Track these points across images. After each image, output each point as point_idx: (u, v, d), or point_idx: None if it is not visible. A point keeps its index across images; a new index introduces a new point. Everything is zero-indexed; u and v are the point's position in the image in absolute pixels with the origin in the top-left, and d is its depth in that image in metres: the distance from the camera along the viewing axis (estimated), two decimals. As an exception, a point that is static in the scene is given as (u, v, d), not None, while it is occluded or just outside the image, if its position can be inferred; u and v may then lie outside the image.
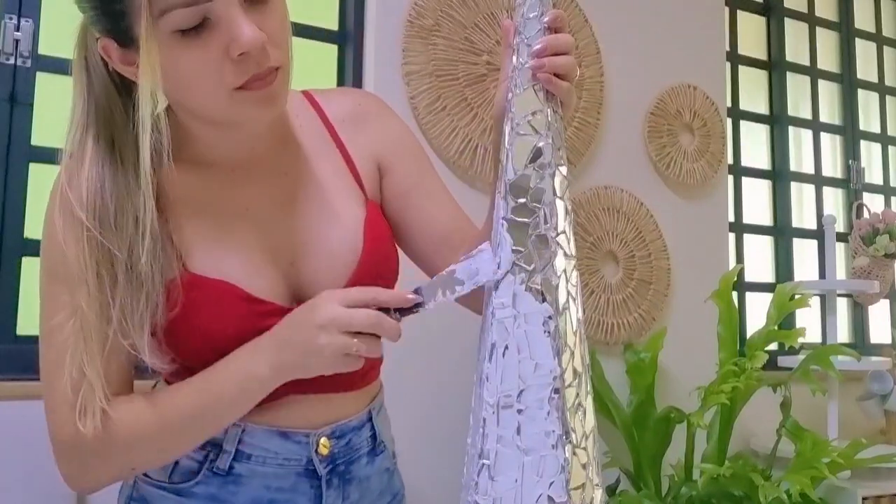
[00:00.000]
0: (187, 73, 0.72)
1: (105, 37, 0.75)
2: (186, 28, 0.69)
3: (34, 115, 1.54)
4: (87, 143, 0.78)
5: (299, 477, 0.84)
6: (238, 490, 0.82)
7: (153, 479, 0.84)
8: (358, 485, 0.88)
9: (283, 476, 0.83)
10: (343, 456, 0.87)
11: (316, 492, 0.84)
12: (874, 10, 3.06)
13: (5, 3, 1.53)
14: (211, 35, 0.70)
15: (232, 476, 0.82)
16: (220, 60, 0.71)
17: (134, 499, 0.86)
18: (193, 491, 0.82)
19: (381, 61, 1.81)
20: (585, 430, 0.65)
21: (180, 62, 0.71)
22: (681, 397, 1.97)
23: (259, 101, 0.74)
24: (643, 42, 2.23)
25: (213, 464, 0.82)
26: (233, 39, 0.70)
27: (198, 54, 0.70)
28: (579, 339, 0.67)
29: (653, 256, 2.17)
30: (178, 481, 0.82)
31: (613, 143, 2.15)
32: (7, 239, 1.50)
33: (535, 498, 0.62)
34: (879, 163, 2.98)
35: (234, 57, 0.70)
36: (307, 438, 0.84)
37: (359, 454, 0.89)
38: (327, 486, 0.85)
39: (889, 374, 2.36)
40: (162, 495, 0.83)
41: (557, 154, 0.70)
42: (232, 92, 0.73)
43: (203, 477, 0.82)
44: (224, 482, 0.82)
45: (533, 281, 0.66)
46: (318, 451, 0.84)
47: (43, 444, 0.81)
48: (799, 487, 1.59)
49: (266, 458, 0.83)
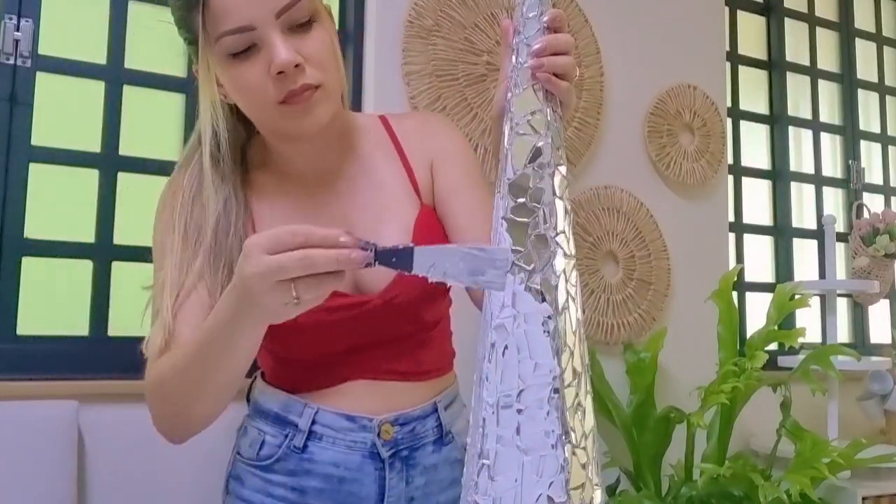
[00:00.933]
0: (243, 89, 0.87)
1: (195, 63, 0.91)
2: (237, 52, 0.85)
3: (34, 115, 1.54)
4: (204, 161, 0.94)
5: (364, 458, 0.93)
6: (312, 467, 0.93)
7: (244, 457, 0.98)
8: (423, 471, 0.96)
9: (351, 456, 0.93)
10: (406, 442, 0.95)
11: (380, 473, 0.93)
12: (874, 10, 3.06)
13: (5, 3, 1.53)
14: (256, 57, 0.85)
15: (307, 454, 0.93)
16: (264, 78, 0.84)
17: (232, 476, 0.99)
18: (274, 468, 0.94)
19: (381, 61, 1.81)
20: (585, 430, 0.65)
21: (237, 80, 0.86)
22: (681, 397, 1.97)
23: (299, 114, 0.86)
24: (643, 42, 2.23)
25: (291, 442, 0.94)
26: (271, 60, 0.83)
27: (247, 72, 0.85)
28: (579, 339, 0.67)
29: (653, 256, 2.17)
30: (264, 459, 0.95)
31: (613, 143, 2.15)
32: (7, 239, 1.50)
33: (534, 498, 0.62)
34: (879, 163, 2.98)
35: (273, 75, 0.84)
36: (371, 423, 0.93)
37: (423, 442, 0.96)
38: (390, 468, 0.93)
39: (889, 374, 2.36)
40: (251, 472, 0.96)
41: (557, 154, 0.70)
42: (277, 105, 0.86)
43: (283, 454, 0.94)
44: (300, 460, 0.93)
45: (532, 281, 0.66)
46: (381, 435, 0.93)
47: (43, 445, 0.81)
48: (799, 487, 1.59)
49: (336, 439, 0.93)
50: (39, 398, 1.41)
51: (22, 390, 1.42)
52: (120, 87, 1.64)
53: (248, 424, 1.00)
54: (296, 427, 0.94)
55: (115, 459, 1.47)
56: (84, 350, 1.50)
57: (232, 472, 1.00)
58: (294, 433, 0.94)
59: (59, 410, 1.40)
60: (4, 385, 1.41)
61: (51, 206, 1.56)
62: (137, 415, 0.95)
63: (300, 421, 0.94)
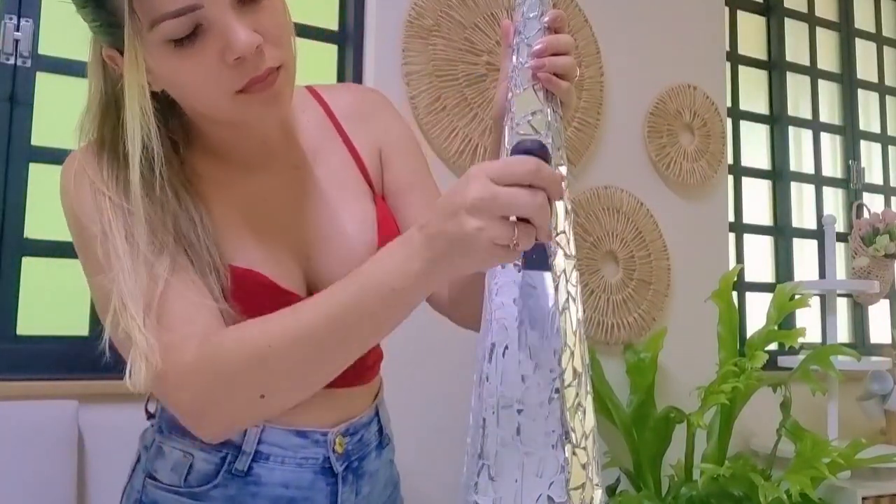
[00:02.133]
0: (188, 82, 0.73)
1: (108, 47, 0.75)
2: (179, 37, 0.69)
3: (34, 115, 1.54)
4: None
5: (316, 475, 0.85)
6: (258, 491, 0.82)
7: (165, 483, 0.83)
8: (369, 479, 0.90)
9: (301, 475, 0.84)
10: (356, 452, 0.88)
11: (332, 489, 0.85)
12: (874, 10, 3.06)
13: (5, 3, 1.53)
14: (205, 42, 0.70)
15: (251, 477, 0.82)
16: (218, 66, 0.70)
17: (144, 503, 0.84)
18: (211, 494, 0.81)
19: (381, 61, 1.81)
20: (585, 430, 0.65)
21: (180, 72, 0.71)
22: (681, 397, 1.97)
23: (262, 102, 0.74)
24: (643, 42, 2.23)
25: (231, 466, 0.82)
26: (227, 45, 0.69)
27: (195, 62, 0.70)
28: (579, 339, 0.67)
29: (653, 256, 2.17)
30: (194, 485, 0.82)
31: (613, 143, 2.15)
32: (7, 239, 1.50)
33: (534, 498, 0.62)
34: (879, 163, 2.98)
35: (230, 62, 0.70)
36: (324, 437, 0.85)
37: (369, 449, 0.90)
38: (343, 482, 0.86)
39: (889, 374, 2.36)
40: (176, 500, 0.82)
41: (557, 154, 0.70)
42: (234, 95, 0.72)
43: (221, 479, 0.81)
44: (244, 483, 0.82)
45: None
46: (335, 449, 0.85)
47: (43, 445, 0.81)
48: (799, 487, 1.59)
49: (285, 458, 0.83)
50: (39, 398, 1.41)
51: (22, 390, 1.42)
52: (120, 87, 1.63)
53: (163, 444, 0.84)
54: (237, 448, 0.81)
55: (115, 459, 1.46)
56: (84, 350, 1.50)
57: (144, 499, 0.84)
58: (235, 455, 0.81)
59: (59, 410, 1.40)
60: (4, 385, 1.41)
61: (51, 206, 1.56)
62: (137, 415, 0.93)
63: (244, 442, 0.81)
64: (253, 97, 0.73)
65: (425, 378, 1.75)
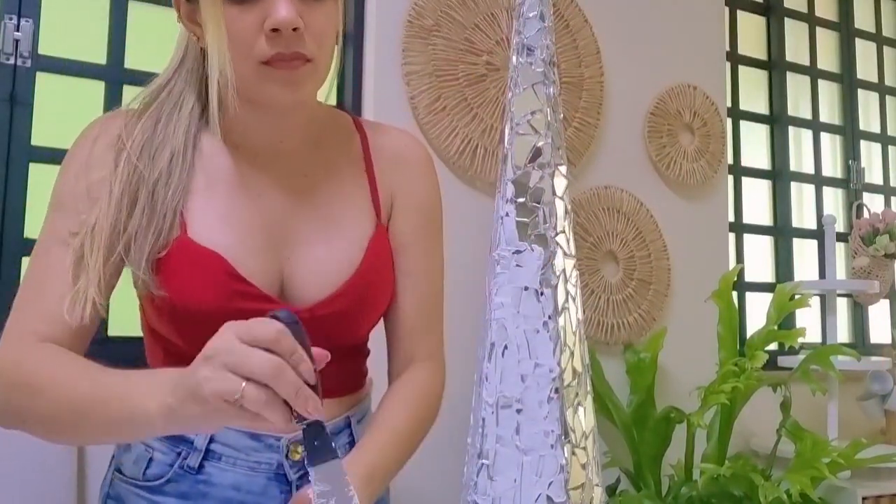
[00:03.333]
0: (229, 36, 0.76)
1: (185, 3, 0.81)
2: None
3: (34, 115, 1.54)
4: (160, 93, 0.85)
5: (269, 481, 0.84)
6: (208, 490, 0.83)
7: (127, 476, 0.86)
8: None
9: (254, 479, 0.83)
10: None
11: (286, 497, 0.84)
12: (874, 10, 3.06)
13: (5, 3, 1.53)
14: (255, 6, 0.75)
15: (203, 475, 0.83)
16: (255, 32, 0.75)
17: (111, 496, 0.87)
18: (165, 489, 0.83)
19: (381, 61, 1.81)
20: (585, 430, 0.65)
21: (222, 24, 0.76)
22: (681, 397, 1.97)
23: (281, 81, 0.77)
24: (643, 42, 2.23)
25: (184, 461, 0.83)
26: (269, 14, 0.74)
27: (238, 19, 0.75)
28: (579, 339, 0.67)
29: (653, 256, 2.17)
30: (151, 479, 0.84)
31: (613, 143, 2.15)
32: (7, 239, 1.50)
33: (534, 498, 0.62)
34: (879, 163, 2.98)
35: (267, 31, 0.75)
36: (278, 442, 0.84)
37: None
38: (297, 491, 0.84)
39: (889, 374, 2.36)
40: (135, 493, 0.85)
41: (557, 154, 0.70)
42: (258, 65, 0.76)
43: (174, 475, 0.83)
44: (195, 481, 0.83)
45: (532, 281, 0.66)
46: (290, 456, 0.84)
47: (43, 445, 0.81)
48: (799, 487, 1.59)
49: (237, 460, 0.83)
50: (39, 398, 1.41)
51: (22, 390, 1.42)
52: (120, 87, 1.64)
53: None
54: (190, 444, 0.82)
55: (115, 459, 1.47)
56: (84, 350, 1.50)
57: (110, 492, 0.87)
58: (188, 451, 0.83)
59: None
60: (4, 385, 1.41)
61: (51, 206, 1.56)
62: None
63: (196, 438, 0.82)
64: (274, 72, 0.77)
65: (425, 378, 1.75)
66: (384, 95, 1.80)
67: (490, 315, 0.67)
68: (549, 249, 0.66)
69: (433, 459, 1.71)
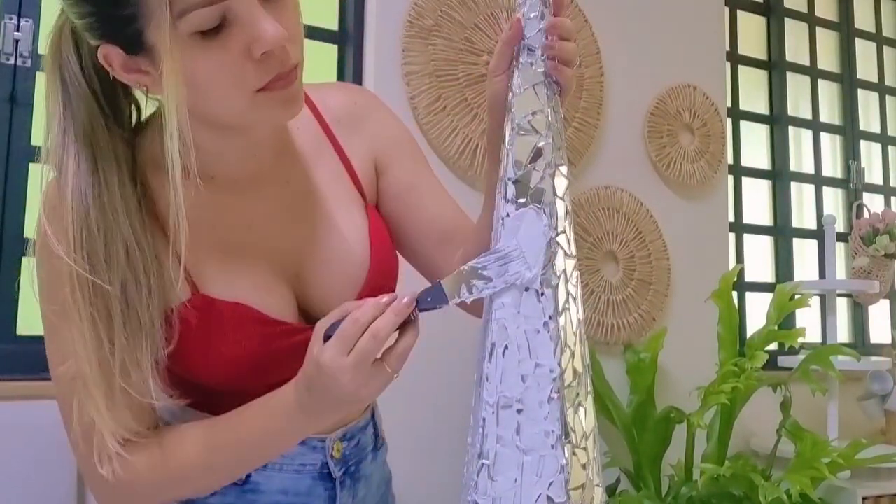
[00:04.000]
0: (206, 78, 0.67)
1: (107, 43, 0.68)
2: (206, 29, 0.64)
3: (34, 115, 1.54)
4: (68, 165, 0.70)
5: (315, 481, 0.84)
6: (256, 498, 0.82)
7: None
8: (365, 482, 0.90)
9: (300, 481, 0.84)
10: (354, 457, 0.88)
11: (330, 493, 0.85)
12: (874, 10, 3.06)
13: (5, 3, 1.53)
14: (230, 35, 0.65)
15: (250, 485, 0.82)
16: (242, 62, 0.66)
17: None
18: (209, 502, 0.81)
19: (381, 61, 1.81)
20: (585, 430, 0.65)
21: (198, 66, 0.66)
22: (681, 397, 1.97)
23: (281, 102, 0.71)
24: (643, 42, 2.23)
25: None
26: (255, 39, 0.65)
27: (217, 56, 0.66)
28: (579, 339, 0.67)
29: (653, 256, 2.17)
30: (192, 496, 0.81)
31: (613, 143, 2.15)
32: (7, 239, 1.50)
33: (534, 498, 0.62)
34: (879, 163, 2.98)
35: (257, 57, 0.66)
36: (322, 444, 0.84)
37: (365, 452, 0.90)
38: (341, 487, 0.86)
39: (889, 374, 2.36)
40: None
41: (558, 154, 0.70)
42: (254, 94, 0.69)
43: (220, 488, 0.80)
44: (242, 492, 0.81)
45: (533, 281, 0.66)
46: (333, 454, 0.85)
47: (43, 445, 0.81)
48: (799, 487, 1.59)
49: (283, 465, 0.83)
50: (39, 398, 1.41)
51: (22, 390, 1.42)
52: (120, 87, 1.64)
53: None
54: None
55: (115, 459, 1.47)
56: (84, 350, 1.50)
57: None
58: None
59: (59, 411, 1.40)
60: (4, 385, 1.41)
61: (51, 206, 1.56)
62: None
63: None
64: (273, 95, 0.70)
65: (425, 378, 1.75)
66: (384, 95, 1.78)
67: (490, 315, 0.67)
68: (550, 250, 0.66)
69: (433, 459, 1.71)
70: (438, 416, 1.75)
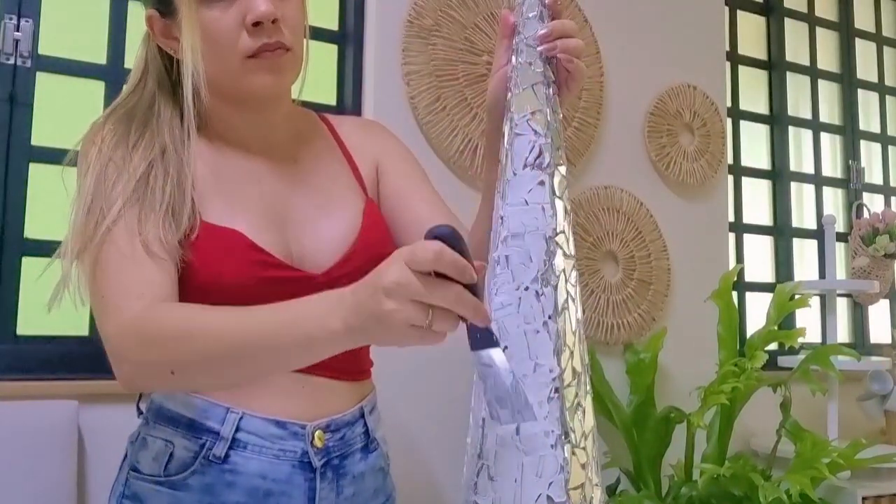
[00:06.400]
0: (207, 38, 0.83)
1: (151, 7, 0.88)
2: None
3: (34, 115, 1.54)
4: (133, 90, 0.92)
5: (294, 469, 0.86)
6: (235, 479, 0.84)
7: (146, 473, 0.86)
8: (352, 480, 0.90)
9: (279, 466, 0.85)
10: (338, 450, 0.89)
11: (310, 484, 0.86)
12: (874, 10, 3.06)
13: (5, 3, 1.53)
14: (231, 5, 0.82)
15: (228, 465, 0.84)
16: (237, 29, 0.82)
17: (126, 496, 0.88)
18: (188, 483, 0.84)
19: (381, 61, 1.81)
20: (584, 430, 0.65)
21: (205, 27, 0.82)
22: (681, 397, 1.97)
23: (267, 70, 0.84)
24: (643, 42, 2.23)
25: (209, 451, 0.84)
26: (249, 9, 0.81)
27: (218, 20, 0.82)
28: (579, 339, 0.67)
29: (653, 256, 2.17)
30: (173, 473, 0.84)
31: (613, 143, 2.15)
32: (7, 239, 1.50)
33: (534, 498, 0.62)
34: (879, 163, 2.98)
35: (249, 26, 0.82)
36: (303, 430, 0.86)
37: (352, 449, 0.91)
38: (321, 478, 0.87)
39: (889, 374, 2.36)
40: (156, 490, 0.85)
41: (556, 154, 0.70)
42: (244, 60, 0.83)
43: (199, 466, 0.83)
44: (220, 471, 0.84)
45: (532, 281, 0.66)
46: (314, 443, 0.86)
47: (43, 445, 0.81)
48: (799, 487, 1.59)
49: (262, 448, 0.84)
50: (39, 398, 1.41)
51: (22, 390, 1.42)
52: (120, 87, 1.62)
53: (146, 434, 0.88)
54: (216, 435, 0.84)
55: (115, 460, 1.46)
56: (84, 350, 1.50)
57: (126, 492, 0.88)
58: (214, 441, 0.84)
59: (59, 410, 1.40)
60: (4, 385, 1.41)
61: (51, 206, 1.56)
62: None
63: (222, 428, 0.84)
64: (259, 63, 0.84)
65: (425, 378, 1.75)
66: (384, 95, 1.80)
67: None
68: (549, 249, 0.66)
69: (433, 459, 1.71)
70: (438, 416, 1.75)
